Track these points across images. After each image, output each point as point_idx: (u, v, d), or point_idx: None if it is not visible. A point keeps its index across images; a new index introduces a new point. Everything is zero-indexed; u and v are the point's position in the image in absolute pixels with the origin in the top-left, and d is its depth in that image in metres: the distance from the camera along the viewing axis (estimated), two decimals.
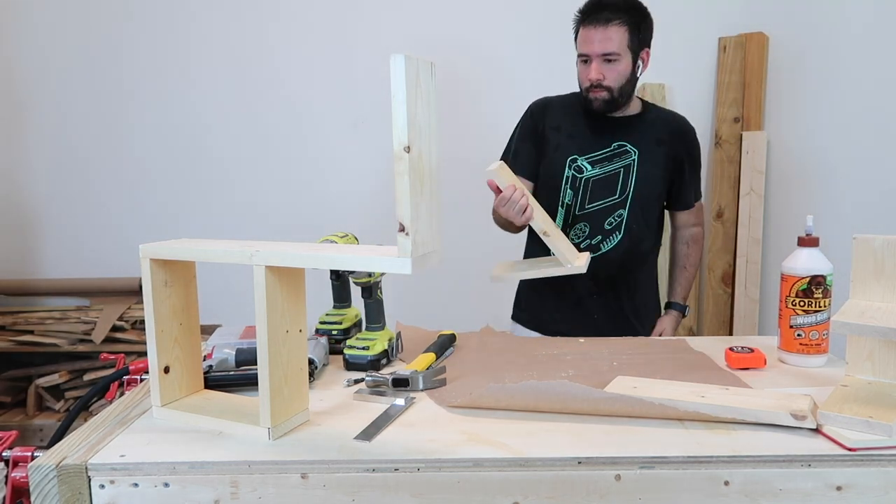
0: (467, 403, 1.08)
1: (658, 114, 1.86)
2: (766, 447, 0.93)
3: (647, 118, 1.82)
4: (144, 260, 1.04)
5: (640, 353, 1.39)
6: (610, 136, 1.78)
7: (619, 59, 1.69)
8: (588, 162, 1.77)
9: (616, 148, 1.78)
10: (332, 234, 1.40)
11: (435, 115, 0.92)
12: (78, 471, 0.89)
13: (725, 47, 3.03)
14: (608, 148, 1.78)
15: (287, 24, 3.06)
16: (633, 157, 1.77)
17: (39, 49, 3.11)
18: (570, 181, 1.78)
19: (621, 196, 1.77)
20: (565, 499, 0.90)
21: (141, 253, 1.04)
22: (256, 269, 0.97)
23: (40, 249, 3.22)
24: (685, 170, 1.85)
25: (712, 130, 3.09)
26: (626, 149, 1.77)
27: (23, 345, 2.95)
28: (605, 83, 1.70)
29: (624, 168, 1.77)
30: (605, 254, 1.78)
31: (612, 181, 1.77)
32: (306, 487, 0.90)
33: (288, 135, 3.11)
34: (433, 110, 0.92)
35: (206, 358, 1.24)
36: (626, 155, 1.77)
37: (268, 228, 3.18)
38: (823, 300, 1.27)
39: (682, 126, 1.86)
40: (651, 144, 1.79)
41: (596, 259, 1.75)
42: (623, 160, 1.77)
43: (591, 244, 1.78)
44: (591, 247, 1.78)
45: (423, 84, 0.89)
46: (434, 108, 0.92)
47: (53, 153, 3.17)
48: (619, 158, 1.77)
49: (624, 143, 1.78)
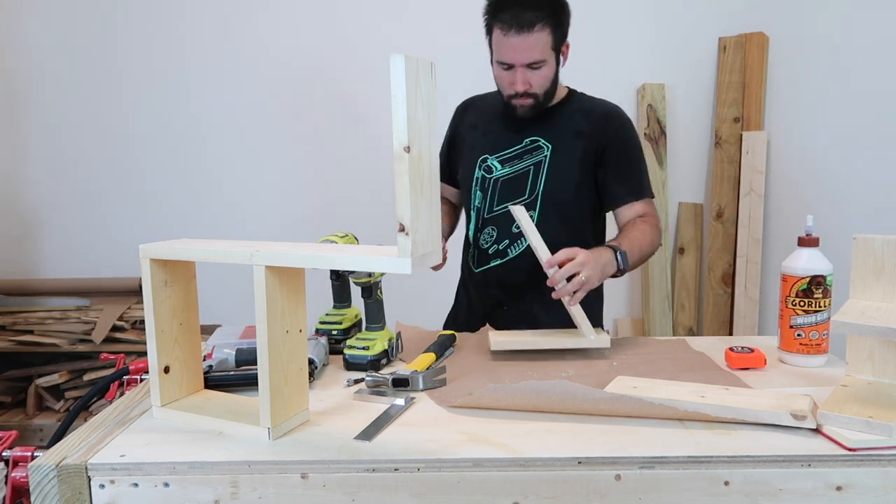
0: (467, 403, 1.08)
1: (582, 104, 1.66)
2: (766, 447, 0.93)
3: (567, 109, 1.65)
4: (144, 260, 1.04)
5: (640, 353, 1.39)
6: (523, 131, 1.63)
7: (545, 64, 1.53)
8: (498, 161, 1.65)
9: (528, 144, 1.63)
10: (331, 234, 1.40)
11: (434, 115, 0.92)
12: (78, 471, 0.89)
13: (725, 47, 3.03)
14: (520, 144, 1.63)
15: (287, 24, 3.06)
16: (546, 152, 1.61)
17: (39, 49, 3.11)
18: (480, 182, 1.67)
19: (530, 196, 1.62)
20: (565, 499, 0.90)
21: (141, 253, 1.04)
22: (256, 269, 0.97)
23: (40, 249, 3.22)
24: (610, 163, 1.61)
25: (712, 130, 3.10)
26: (540, 144, 1.62)
27: (23, 345, 2.95)
28: (531, 91, 1.55)
29: (534, 166, 1.62)
30: (512, 260, 1.65)
31: (521, 181, 1.63)
32: (306, 487, 0.90)
33: (288, 134, 3.11)
34: (433, 110, 0.92)
35: (206, 358, 1.24)
36: (538, 151, 1.62)
37: (268, 228, 3.18)
38: (823, 300, 1.27)
39: (607, 115, 1.64)
40: (568, 138, 1.62)
41: (504, 266, 1.65)
42: (534, 157, 1.62)
43: (499, 249, 1.66)
44: (498, 252, 1.66)
45: (423, 84, 0.89)
46: (434, 109, 0.92)
47: (53, 153, 3.17)
48: (531, 155, 1.62)
49: (537, 138, 1.62)
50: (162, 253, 1.04)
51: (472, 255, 1.74)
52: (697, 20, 3.02)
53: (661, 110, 3.03)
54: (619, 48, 3.05)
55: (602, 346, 1.36)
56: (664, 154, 3.06)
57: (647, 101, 3.04)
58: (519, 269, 1.65)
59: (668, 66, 3.05)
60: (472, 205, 1.71)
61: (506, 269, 1.67)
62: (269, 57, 3.07)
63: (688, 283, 3.15)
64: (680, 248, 3.15)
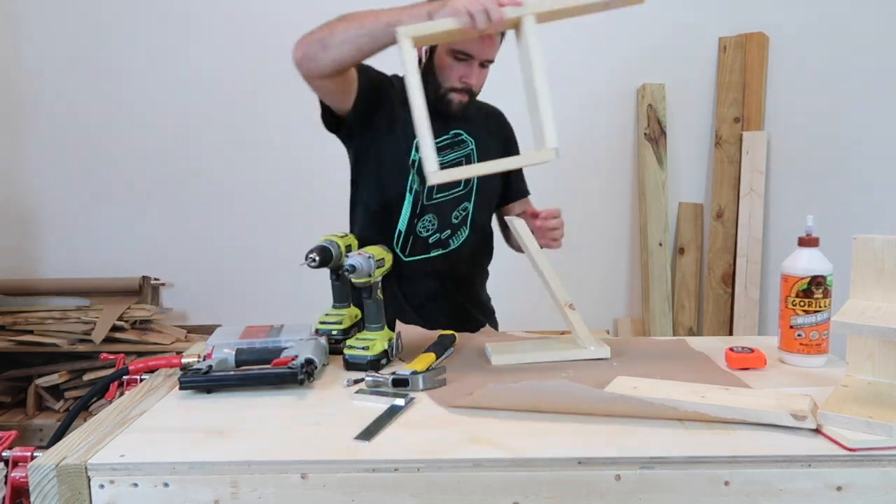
0: (467, 403, 1.07)
1: (479, 105, 1.71)
2: (766, 447, 0.93)
3: (473, 108, 1.66)
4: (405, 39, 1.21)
5: (640, 353, 1.39)
6: (445, 124, 1.61)
7: (489, 66, 1.58)
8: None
9: (454, 136, 1.64)
10: (331, 234, 1.41)
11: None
12: (78, 471, 0.89)
13: (725, 47, 3.03)
14: (447, 135, 1.63)
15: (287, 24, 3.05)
16: (471, 146, 1.65)
17: (39, 49, 3.11)
18: (417, 166, 1.59)
19: (465, 188, 1.65)
20: (565, 499, 0.90)
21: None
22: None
23: (40, 249, 3.22)
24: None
25: (712, 130, 3.10)
26: (463, 138, 1.65)
27: (23, 345, 2.95)
28: (475, 88, 1.58)
29: (465, 158, 1.64)
30: (455, 250, 1.66)
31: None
32: (306, 487, 0.90)
33: (288, 134, 3.11)
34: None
35: (206, 358, 1.24)
36: (463, 144, 1.65)
37: (268, 228, 3.19)
38: (823, 300, 1.27)
39: (501, 116, 1.78)
40: (483, 134, 1.68)
41: (444, 256, 1.65)
42: (462, 149, 1.64)
43: (441, 238, 1.64)
44: (440, 241, 1.65)
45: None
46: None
47: (53, 153, 3.17)
48: (459, 147, 1.64)
49: (460, 132, 1.65)
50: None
51: (402, 243, 1.64)
52: (697, 20, 3.02)
53: (661, 110, 3.03)
54: (620, 48, 3.05)
55: (602, 357, 1.36)
56: (664, 154, 3.06)
57: (647, 101, 3.04)
58: (460, 260, 1.67)
59: (668, 66, 3.05)
60: (406, 187, 1.61)
61: (446, 260, 1.66)
62: (270, 56, 3.06)
63: (688, 283, 3.15)
64: (680, 248, 3.15)
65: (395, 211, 1.62)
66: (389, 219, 1.62)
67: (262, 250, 3.18)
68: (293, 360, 1.17)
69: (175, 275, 3.24)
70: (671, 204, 3.14)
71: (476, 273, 1.78)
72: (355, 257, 1.27)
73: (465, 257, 1.69)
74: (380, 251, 1.34)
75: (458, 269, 1.69)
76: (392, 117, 1.60)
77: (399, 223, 1.62)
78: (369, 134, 1.61)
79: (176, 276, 3.24)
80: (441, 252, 1.65)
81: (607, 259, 3.20)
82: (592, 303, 3.14)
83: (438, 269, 1.66)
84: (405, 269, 1.64)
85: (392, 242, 1.62)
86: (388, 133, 1.61)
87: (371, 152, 1.63)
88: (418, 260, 1.65)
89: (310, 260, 1.30)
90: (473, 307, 1.76)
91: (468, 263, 1.71)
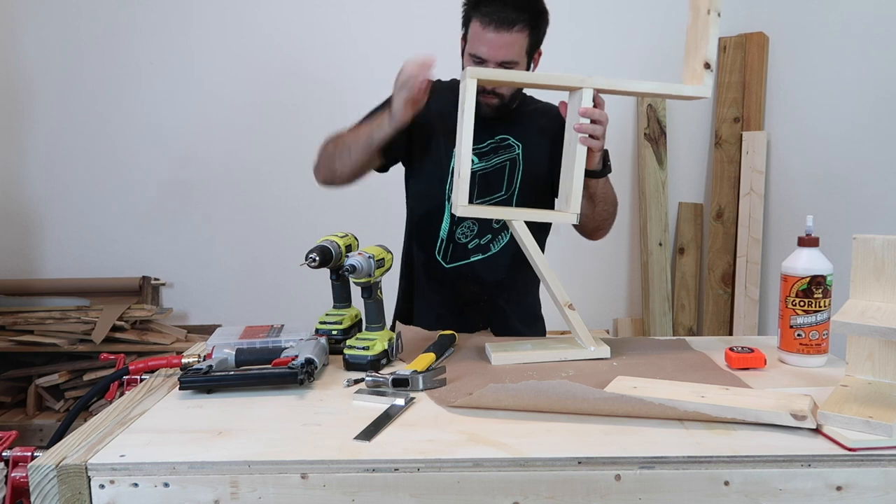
0: (467, 403, 1.07)
1: (536, 105, 1.71)
2: (766, 447, 0.93)
3: (526, 110, 1.67)
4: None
5: (640, 353, 1.39)
6: (491, 128, 1.62)
7: (516, 66, 1.52)
8: (475, 153, 1.60)
9: (499, 140, 1.64)
10: (331, 234, 1.41)
11: None
12: (78, 471, 0.89)
13: (725, 47, 3.03)
14: (492, 140, 1.63)
15: (287, 23, 3.06)
16: (518, 150, 1.63)
17: (39, 49, 3.11)
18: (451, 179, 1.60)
19: (507, 192, 1.64)
20: (565, 499, 0.90)
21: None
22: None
23: (40, 249, 3.22)
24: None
25: (712, 130, 3.10)
26: (510, 142, 1.64)
27: (23, 345, 2.95)
28: (499, 90, 1.56)
29: (510, 162, 1.63)
30: (494, 255, 1.65)
31: (498, 176, 1.63)
32: (306, 487, 0.90)
33: (288, 134, 3.11)
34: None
35: (206, 358, 1.24)
36: (510, 148, 1.63)
37: (267, 227, 3.19)
38: (823, 300, 1.27)
39: (556, 112, 1.68)
40: (535, 135, 1.64)
41: (485, 261, 1.65)
42: (508, 153, 1.63)
43: (481, 244, 1.65)
44: (479, 247, 1.65)
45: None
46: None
47: (54, 153, 3.17)
48: (505, 151, 1.63)
49: (507, 137, 1.64)
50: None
51: (442, 250, 1.67)
52: None
53: (661, 110, 3.03)
54: (620, 48, 3.05)
55: (602, 357, 1.36)
56: (664, 154, 3.06)
57: (647, 100, 3.04)
58: (500, 264, 1.66)
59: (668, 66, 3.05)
60: (446, 195, 1.63)
61: (487, 265, 1.66)
62: (271, 56, 3.07)
63: (688, 283, 3.15)
64: (680, 248, 3.15)
65: (437, 219, 1.65)
66: (432, 227, 1.66)
67: (262, 250, 3.18)
68: (293, 360, 1.17)
69: (175, 275, 3.24)
70: (671, 204, 3.14)
71: (520, 277, 1.69)
72: (355, 257, 1.27)
73: (506, 262, 1.66)
74: (380, 251, 1.34)
75: (499, 274, 1.67)
76: (431, 130, 1.65)
77: (441, 231, 1.66)
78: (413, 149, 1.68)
79: (176, 276, 3.24)
80: (481, 257, 1.66)
81: (607, 259, 3.19)
82: (592, 303, 3.14)
83: (479, 274, 1.65)
84: (447, 275, 1.66)
85: (434, 250, 1.66)
86: (428, 144, 1.66)
87: (415, 165, 1.69)
88: (459, 265, 1.66)
89: (310, 260, 1.30)
90: (514, 313, 1.71)
91: (510, 268, 1.66)
